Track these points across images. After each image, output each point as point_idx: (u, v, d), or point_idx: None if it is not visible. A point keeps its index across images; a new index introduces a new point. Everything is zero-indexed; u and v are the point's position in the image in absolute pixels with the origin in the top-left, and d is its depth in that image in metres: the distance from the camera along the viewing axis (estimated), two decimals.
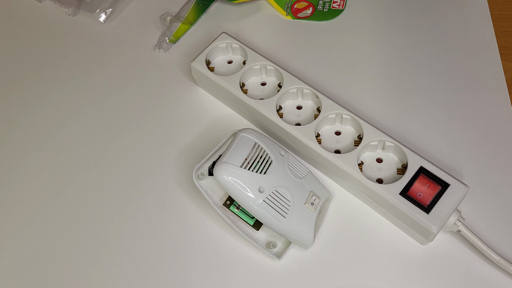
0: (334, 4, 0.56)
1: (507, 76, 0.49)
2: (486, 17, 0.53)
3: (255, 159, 0.39)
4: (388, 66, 0.51)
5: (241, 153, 0.39)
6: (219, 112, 0.49)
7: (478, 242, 0.39)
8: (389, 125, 0.47)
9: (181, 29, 0.55)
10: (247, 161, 0.39)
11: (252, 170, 0.39)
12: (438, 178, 0.40)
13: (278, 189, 0.39)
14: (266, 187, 0.39)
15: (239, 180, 0.38)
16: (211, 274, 0.41)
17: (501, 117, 0.47)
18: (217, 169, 0.39)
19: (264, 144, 0.40)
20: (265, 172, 0.39)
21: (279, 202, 0.39)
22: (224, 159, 0.39)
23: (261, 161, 0.39)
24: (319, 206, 0.41)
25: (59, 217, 0.44)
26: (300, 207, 0.40)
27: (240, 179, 0.38)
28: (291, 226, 0.39)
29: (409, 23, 0.54)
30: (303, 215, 0.40)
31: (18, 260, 0.42)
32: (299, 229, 0.39)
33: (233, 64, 0.50)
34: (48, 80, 0.53)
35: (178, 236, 0.42)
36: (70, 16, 0.57)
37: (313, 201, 0.40)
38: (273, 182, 0.39)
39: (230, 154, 0.39)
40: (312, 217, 0.40)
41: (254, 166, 0.39)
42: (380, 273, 0.40)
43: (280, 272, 0.40)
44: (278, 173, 0.40)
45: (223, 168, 0.38)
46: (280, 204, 0.39)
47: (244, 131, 0.41)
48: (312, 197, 0.41)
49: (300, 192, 0.40)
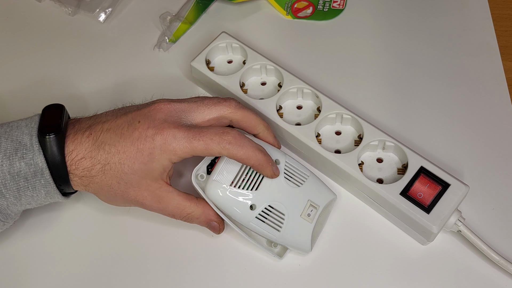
0: (334, 3, 0.56)
1: (507, 76, 0.49)
2: (486, 16, 0.53)
3: (246, 173, 0.38)
4: (388, 66, 0.51)
5: (232, 169, 0.38)
6: None
7: (479, 242, 0.39)
8: (390, 125, 0.47)
9: (181, 28, 0.55)
10: (238, 177, 0.38)
11: (243, 188, 0.38)
12: (438, 178, 0.40)
13: (271, 203, 0.38)
14: (258, 204, 0.38)
15: (229, 200, 0.38)
16: (211, 274, 0.41)
17: (501, 116, 0.47)
18: (207, 187, 0.38)
19: None
20: (256, 188, 0.38)
21: (272, 217, 0.38)
22: (214, 177, 0.38)
23: (252, 175, 0.38)
24: (317, 216, 0.40)
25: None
26: (296, 219, 0.39)
27: (230, 198, 0.38)
28: (286, 238, 0.39)
29: (409, 23, 0.54)
30: (299, 227, 0.39)
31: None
32: (295, 240, 0.39)
33: (233, 63, 0.50)
34: (47, 80, 0.52)
35: (178, 236, 0.42)
36: (70, 15, 0.57)
37: (309, 212, 0.39)
38: (266, 197, 0.38)
39: (220, 170, 0.38)
40: (308, 228, 0.39)
41: (246, 182, 0.38)
42: (380, 273, 0.40)
43: (280, 272, 0.40)
44: (272, 187, 0.39)
45: (213, 187, 0.38)
46: (274, 219, 0.38)
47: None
48: (309, 208, 0.39)
49: (296, 203, 0.39)
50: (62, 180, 0.37)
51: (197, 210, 0.39)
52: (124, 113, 0.38)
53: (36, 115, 0.38)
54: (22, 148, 0.36)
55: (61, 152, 0.36)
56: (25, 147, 0.36)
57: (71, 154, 0.37)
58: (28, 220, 0.43)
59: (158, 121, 0.37)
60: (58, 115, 0.38)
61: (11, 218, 0.39)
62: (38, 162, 0.36)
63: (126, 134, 0.37)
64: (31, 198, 0.37)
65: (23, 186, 0.36)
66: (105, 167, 0.37)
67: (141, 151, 0.36)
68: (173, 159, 0.37)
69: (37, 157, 0.36)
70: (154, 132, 0.36)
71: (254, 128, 0.40)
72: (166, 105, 0.38)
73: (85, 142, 0.37)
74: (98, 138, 0.37)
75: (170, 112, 0.38)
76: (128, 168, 0.37)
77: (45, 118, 0.38)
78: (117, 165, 0.37)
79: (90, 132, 0.37)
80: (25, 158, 0.36)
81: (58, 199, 0.39)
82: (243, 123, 0.40)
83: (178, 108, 0.38)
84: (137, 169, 0.37)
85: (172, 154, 0.36)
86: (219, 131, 0.37)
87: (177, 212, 0.39)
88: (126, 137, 0.37)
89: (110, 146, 0.37)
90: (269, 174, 0.38)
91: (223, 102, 0.39)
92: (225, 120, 0.39)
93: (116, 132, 0.37)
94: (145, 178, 0.37)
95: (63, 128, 0.37)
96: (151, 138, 0.36)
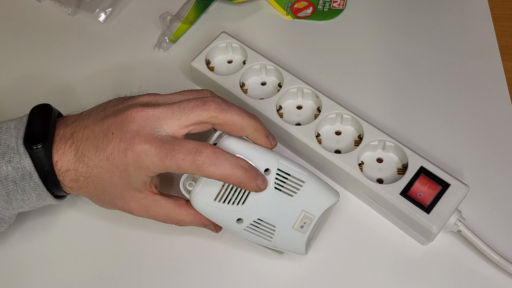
0: (334, 3, 0.56)
1: (507, 76, 0.49)
2: (486, 16, 0.53)
3: (229, 191, 0.36)
4: (388, 66, 0.51)
5: (214, 186, 0.36)
6: None
7: (479, 242, 0.39)
8: (390, 125, 0.46)
9: (181, 28, 0.55)
10: (222, 191, 0.36)
11: (228, 202, 0.36)
12: (438, 178, 0.40)
13: (260, 217, 0.36)
14: (245, 218, 0.36)
15: (215, 213, 0.36)
16: (211, 274, 0.41)
17: (501, 116, 0.47)
18: (191, 199, 0.36)
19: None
20: (243, 202, 0.36)
21: (262, 229, 0.37)
22: (197, 189, 0.36)
23: (238, 188, 0.36)
24: (311, 226, 0.37)
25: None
26: (288, 230, 0.37)
27: (215, 211, 0.36)
28: (279, 246, 0.38)
29: (409, 23, 0.54)
30: (292, 237, 0.37)
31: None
32: (288, 248, 0.38)
33: (233, 63, 0.50)
34: (47, 79, 0.52)
35: (178, 237, 0.42)
36: (70, 15, 0.57)
37: (303, 224, 0.37)
38: (253, 211, 0.36)
39: (204, 182, 0.36)
40: (302, 238, 0.37)
41: (232, 196, 0.36)
42: (380, 273, 0.40)
43: (280, 272, 0.40)
44: (260, 200, 0.36)
45: (196, 200, 0.36)
46: (264, 230, 0.37)
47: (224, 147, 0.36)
48: (302, 220, 0.37)
49: (288, 215, 0.37)
50: (53, 185, 0.36)
51: (188, 217, 0.38)
52: (102, 117, 0.36)
53: (25, 116, 0.37)
54: (10, 152, 0.35)
55: (49, 161, 0.35)
56: (12, 150, 0.35)
57: (56, 165, 0.36)
58: (24, 225, 0.43)
59: (130, 133, 0.34)
60: (45, 119, 0.37)
61: (5, 222, 0.38)
62: (26, 165, 0.35)
63: (101, 146, 0.35)
64: (22, 202, 0.37)
65: (13, 190, 0.36)
66: (87, 179, 0.36)
67: (116, 167, 0.35)
68: (149, 174, 0.35)
69: (24, 161, 0.35)
70: (126, 147, 0.34)
71: (240, 131, 0.37)
72: (139, 112, 0.35)
73: (68, 153, 0.36)
74: (79, 149, 0.36)
75: (143, 121, 0.35)
76: (108, 181, 0.35)
77: (32, 124, 0.37)
78: (98, 179, 0.36)
79: (72, 141, 0.36)
80: (12, 162, 0.35)
81: (50, 201, 0.38)
82: (227, 127, 0.36)
83: (152, 116, 0.35)
84: (116, 182, 0.35)
85: (147, 171, 0.34)
86: (192, 150, 0.33)
87: (168, 220, 0.38)
88: (101, 150, 0.35)
89: (89, 159, 0.35)
90: (253, 189, 0.35)
91: (202, 106, 0.35)
92: (206, 125, 0.36)
93: (93, 143, 0.35)
94: (127, 190, 0.36)
95: (50, 135, 0.36)
96: (123, 154, 0.34)
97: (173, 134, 0.35)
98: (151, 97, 0.37)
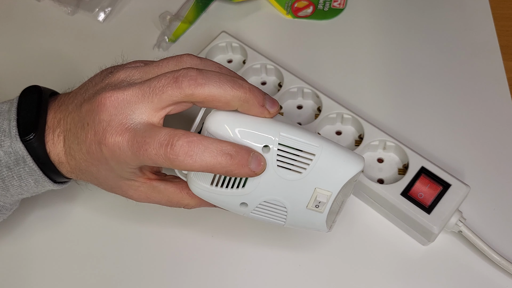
0: (334, 3, 0.56)
1: (508, 76, 0.49)
2: (487, 16, 0.53)
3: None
4: (389, 65, 0.51)
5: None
6: None
7: (480, 243, 0.39)
8: (390, 125, 0.46)
9: (180, 28, 0.55)
10: (217, 177, 0.31)
11: (226, 186, 0.31)
12: (439, 178, 0.40)
13: (266, 199, 0.32)
14: (249, 202, 0.32)
15: (215, 198, 0.32)
16: (211, 275, 0.40)
17: (502, 116, 0.47)
18: (188, 183, 0.33)
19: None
20: (243, 185, 0.31)
21: (272, 212, 0.33)
22: (191, 174, 0.32)
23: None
24: (329, 203, 0.32)
25: None
26: (301, 211, 0.32)
27: (216, 197, 0.32)
28: (296, 225, 0.34)
29: (410, 22, 0.54)
30: (308, 218, 0.33)
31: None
32: (306, 227, 0.34)
33: (233, 63, 0.50)
34: (47, 79, 0.52)
35: (177, 237, 0.42)
36: (69, 15, 0.57)
37: (317, 204, 0.32)
38: (256, 195, 0.32)
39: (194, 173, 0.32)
40: (319, 217, 0.33)
41: (228, 179, 0.31)
42: (380, 273, 0.40)
43: (280, 272, 0.40)
44: (262, 182, 0.31)
45: (193, 185, 0.32)
46: (274, 213, 0.33)
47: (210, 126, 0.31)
48: (317, 199, 0.32)
49: (299, 194, 0.32)
50: (51, 172, 0.34)
51: (192, 201, 0.34)
52: (81, 102, 0.33)
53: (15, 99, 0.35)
54: (1, 135, 0.33)
55: (43, 151, 0.34)
56: (3, 133, 0.33)
57: (50, 155, 0.34)
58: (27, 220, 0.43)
59: (101, 125, 0.31)
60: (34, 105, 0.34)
61: (6, 209, 0.36)
62: (17, 149, 0.33)
63: (80, 139, 0.32)
64: (20, 188, 0.35)
65: (8, 176, 0.34)
66: (81, 171, 0.34)
67: (98, 160, 0.32)
68: (130, 167, 0.32)
69: (15, 144, 0.33)
70: (99, 141, 0.31)
71: (226, 105, 0.31)
72: (110, 98, 0.31)
73: (57, 144, 0.34)
74: (66, 140, 0.34)
75: (114, 108, 0.31)
76: (98, 174, 0.33)
77: (21, 112, 0.34)
78: (88, 172, 0.34)
79: (60, 130, 0.34)
80: (3, 146, 0.33)
81: (50, 187, 0.35)
82: (209, 104, 0.30)
83: (123, 100, 0.31)
84: (106, 175, 0.33)
85: (125, 165, 0.31)
86: (164, 142, 0.29)
87: (172, 205, 0.35)
88: (82, 143, 0.32)
89: (75, 152, 0.33)
90: (247, 175, 0.30)
91: (173, 83, 0.30)
92: (185, 104, 0.31)
93: (75, 134, 0.33)
94: (120, 180, 0.33)
95: (41, 122, 0.34)
96: (99, 149, 0.31)
97: (147, 120, 0.31)
98: (127, 71, 0.33)
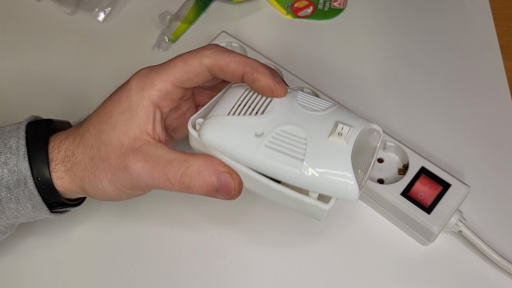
0: (334, 3, 0.56)
1: (508, 76, 0.49)
2: (487, 16, 0.53)
3: (246, 102, 0.31)
4: (388, 65, 0.51)
5: (228, 102, 0.31)
6: None
7: (480, 243, 0.39)
8: (390, 125, 0.46)
9: (180, 28, 0.55)
10: (235, 107, 0.31)
11: (244, 114, 0.30)
12: (439, 178, 0.40)
13: (283, 127, 0.29)
14: (265, 129, 0.29)
15: (228, 133, 0.30)
16: (211, 275, 0.40)
17: (502, 116, 0.47)
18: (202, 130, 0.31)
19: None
20: (262, 112, 0.30)
21: (289, 143, 0.29)
22: (208, 115, 0.31)
23: (256, 101, 0.31)
24: (354, 136, 0.29)
25: None
26: (322, 142, 0.29)
27: (229, 130, 0.30)
28: (315, 169, 0.29)
29: (410, 22, 0.54)
30: (330, 151, 0.29)
31: None
32: (328, 172, 0.28)
33: None
34: (46, 79, 0.52)
35: (177, 237, 0.42)
36: (69, 15, 0.57)
37: (340, 131, 0.29)
38: (276, 120, 0.29)
39: (214, 109, 0.31)
40: (344, 152, 0.28)
41: (246, 110, 0.30)
42: (380, 273, 0.40)
43: (280, 272, 0.40)
44: (281, 109, 0.30)
45: (208, 125, 0.30)
46: (291, 145, 0.29)
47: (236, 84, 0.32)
48: (339, 127, 0.29)
49: (320, 125, 0.29)
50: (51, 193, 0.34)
51: (196, 161, 0.32)
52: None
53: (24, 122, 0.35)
54: (7, 152, 0.33)
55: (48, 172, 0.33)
56: (10, 150, 0.33)
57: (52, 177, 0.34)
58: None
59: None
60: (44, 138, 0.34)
61: (1, 232, 0.35)
62: (22, 169, 0.32)
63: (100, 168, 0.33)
64: (16, 211, 0.34)
65: (6, 197, 0.33)
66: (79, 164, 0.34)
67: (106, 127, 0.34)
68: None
69: (21, 164, 0.32)
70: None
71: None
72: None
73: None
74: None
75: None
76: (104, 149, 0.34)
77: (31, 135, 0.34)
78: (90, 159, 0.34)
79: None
80: (9, 164, 0.32)
81: (47, 215, 0.35)
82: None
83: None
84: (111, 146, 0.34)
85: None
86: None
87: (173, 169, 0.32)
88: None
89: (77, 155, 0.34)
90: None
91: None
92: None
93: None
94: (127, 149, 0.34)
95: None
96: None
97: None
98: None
